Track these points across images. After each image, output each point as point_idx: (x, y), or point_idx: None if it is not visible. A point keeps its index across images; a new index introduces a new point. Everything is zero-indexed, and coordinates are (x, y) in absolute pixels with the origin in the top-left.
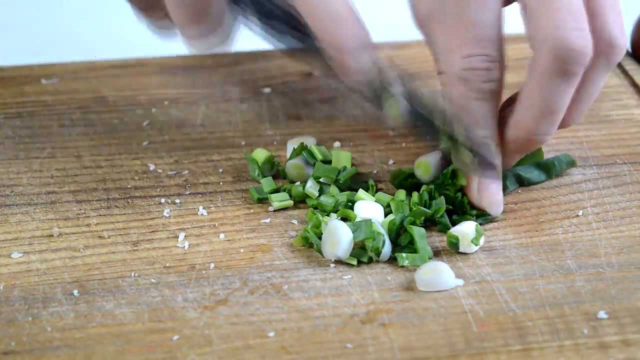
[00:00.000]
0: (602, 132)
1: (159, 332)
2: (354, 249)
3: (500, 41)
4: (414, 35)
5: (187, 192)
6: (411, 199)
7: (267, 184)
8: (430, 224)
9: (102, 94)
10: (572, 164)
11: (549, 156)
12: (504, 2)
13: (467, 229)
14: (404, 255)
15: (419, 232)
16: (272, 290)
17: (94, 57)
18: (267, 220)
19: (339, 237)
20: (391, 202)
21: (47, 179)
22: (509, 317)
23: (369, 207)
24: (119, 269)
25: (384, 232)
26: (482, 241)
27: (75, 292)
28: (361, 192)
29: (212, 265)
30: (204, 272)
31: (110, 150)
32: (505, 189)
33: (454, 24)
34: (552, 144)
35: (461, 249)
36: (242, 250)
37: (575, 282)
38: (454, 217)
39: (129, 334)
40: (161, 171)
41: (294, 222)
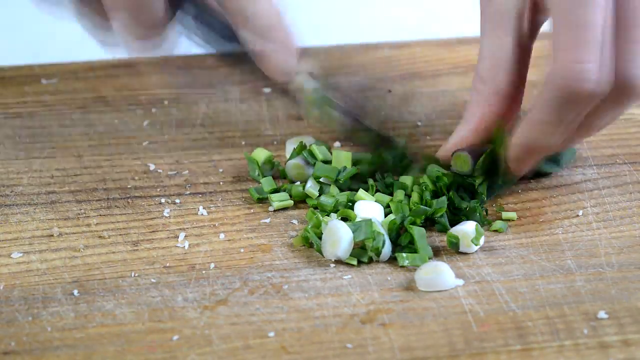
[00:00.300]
0: (602, 132)
1: (159, 332)
2: (354, 249)
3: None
4: (414, 35)
5: (187, 192)
6: (411, 199)
7: (267, 184)
8: (430, 224)
9: (102, 94)
10: (573, 154)
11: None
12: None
13: (467, 228)
14: (404, 255)
15: (419, 232)
16: (272, 290)
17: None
18: (267, 220)
19: (339, 237)
20: (391, 202)
21: (47, 179)
22: (509, 317)
23: (369, 207)
24: (119, 269)
25: (384, 232)
26: (482, 241)
27: (75, 292)
28: (361, 192)
29: (212, 265)
30: (204, 272)
31: (110, 150)
32: (544, 172)
33: None
34: None
35: (461, 249)
36: (242, 250)
37: (575, 282)
38: (463, 204)
39: (129, 334)
40: (161, 171)
41: (294, 222)
